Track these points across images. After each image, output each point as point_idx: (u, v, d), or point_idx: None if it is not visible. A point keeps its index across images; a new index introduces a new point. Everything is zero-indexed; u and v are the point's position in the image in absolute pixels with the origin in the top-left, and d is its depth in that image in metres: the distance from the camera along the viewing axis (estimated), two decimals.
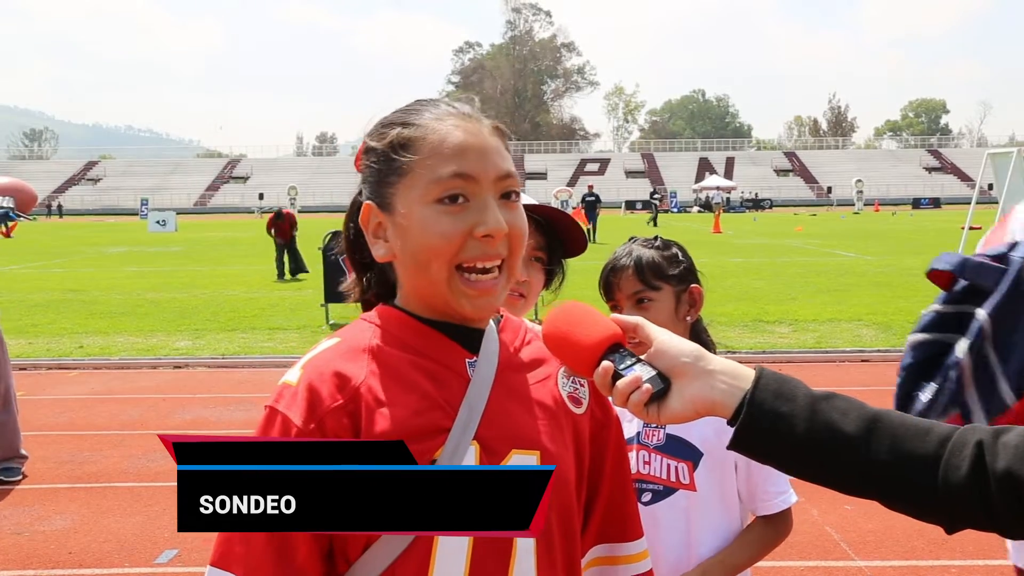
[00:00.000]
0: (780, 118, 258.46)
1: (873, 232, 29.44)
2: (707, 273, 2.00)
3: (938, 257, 1.73)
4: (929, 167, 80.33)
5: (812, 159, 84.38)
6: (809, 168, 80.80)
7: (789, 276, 15.54)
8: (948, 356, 1.63)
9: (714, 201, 46.90)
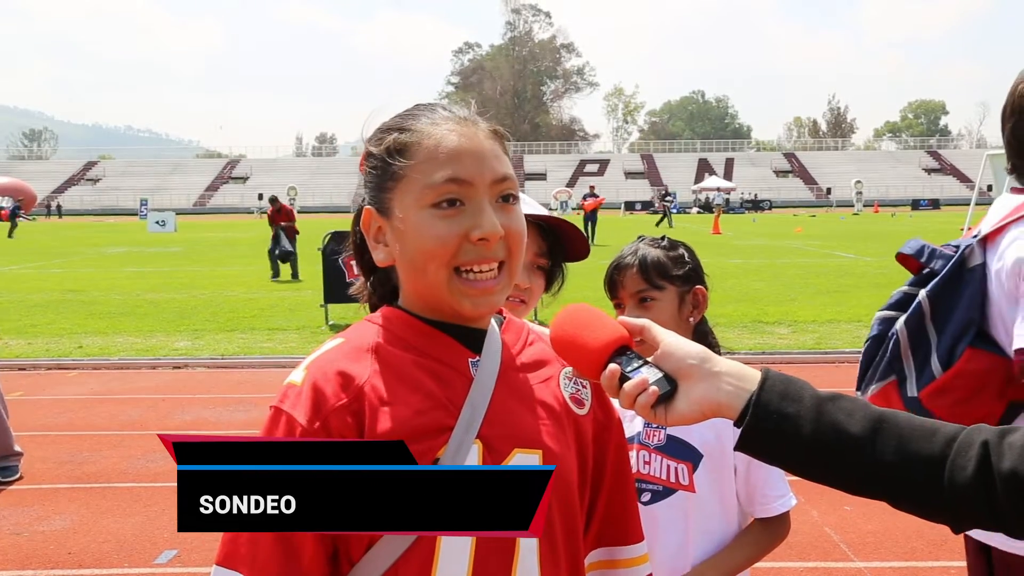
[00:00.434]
0: (779, 119, 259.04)
1: (872, 233, 29.45)
2: (707, 274, 1.99)
3: (906, 243, 1.97)
4: (928, 168, 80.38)
5: (811, 160, 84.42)
6: (808, 169, 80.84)
7: (788, 277, 15.54)
8: (891, 329, 1.87)
9: (715, 203, 46.81)
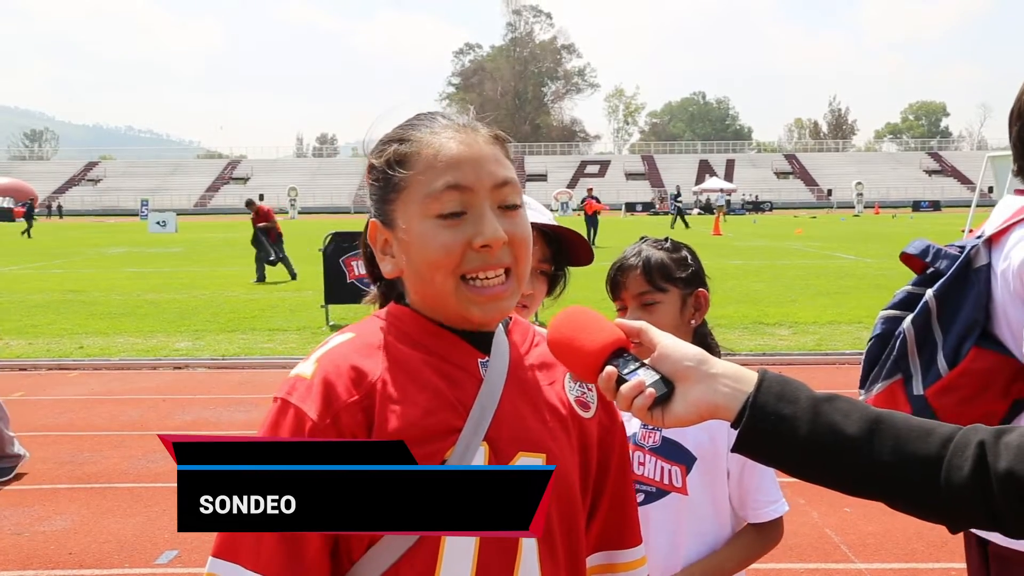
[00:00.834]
0: (780, 120, 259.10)
1: (873, 235, 29.43)
2: (707, 275, 1.99)
3: (910, 243, 1.98)
4: (929, 170, 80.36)
5: (812, 161, 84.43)
6: (809, 170, 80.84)
7: (789, 278, 15.53)
8: (897, 328, 1.89)
9: (717, 204, 46.75)
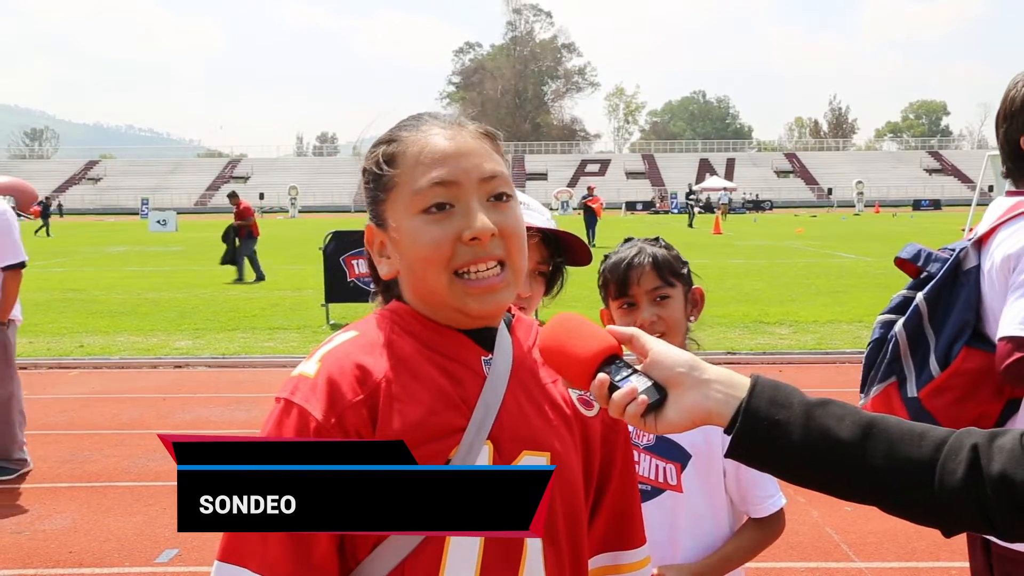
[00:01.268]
0: (781, 119, 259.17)
1: (873, 233, 29.42)
2: (708, 274, 2.00)
3: (903, 248, 2.01)
4: (929, 169, 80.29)
5: (812, 160, 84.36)
6: (809, 169, 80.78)
7: (789, 277, 15.51)
8: (891, 332, 1.92)
9: (721, 201, 46.68)
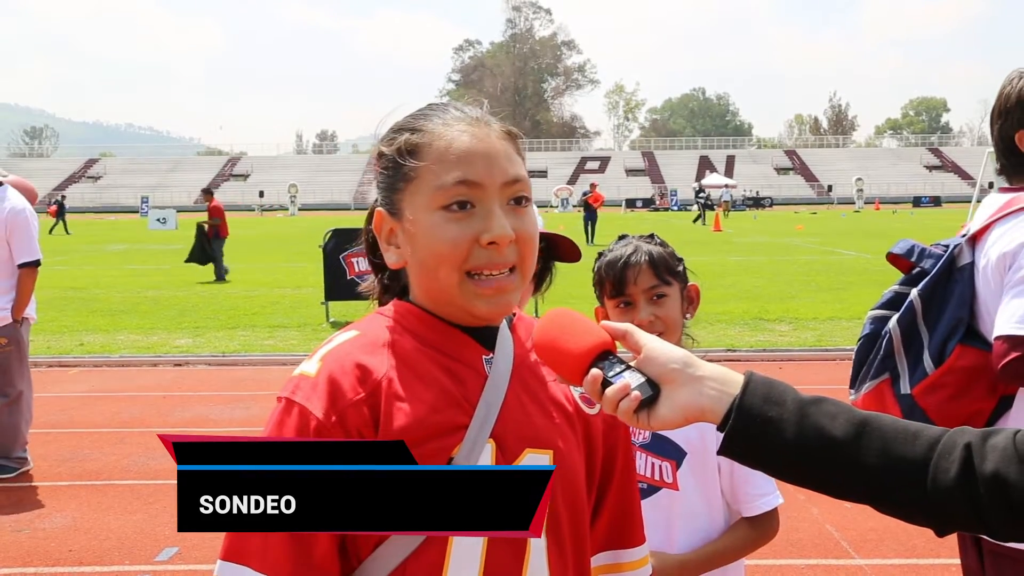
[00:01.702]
0: (781, 116, 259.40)
1: (873, 230, 29.42)
2: (708, 272, 2.00)
3: (896, 243, 2.00)
4: (930, 165, 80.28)
5: (813, 157, 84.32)
6: (810, 166, 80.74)
7: (789, 274, 15.48)
8: (884, 328, 1.91)
9: (723, 199, 46.61)
